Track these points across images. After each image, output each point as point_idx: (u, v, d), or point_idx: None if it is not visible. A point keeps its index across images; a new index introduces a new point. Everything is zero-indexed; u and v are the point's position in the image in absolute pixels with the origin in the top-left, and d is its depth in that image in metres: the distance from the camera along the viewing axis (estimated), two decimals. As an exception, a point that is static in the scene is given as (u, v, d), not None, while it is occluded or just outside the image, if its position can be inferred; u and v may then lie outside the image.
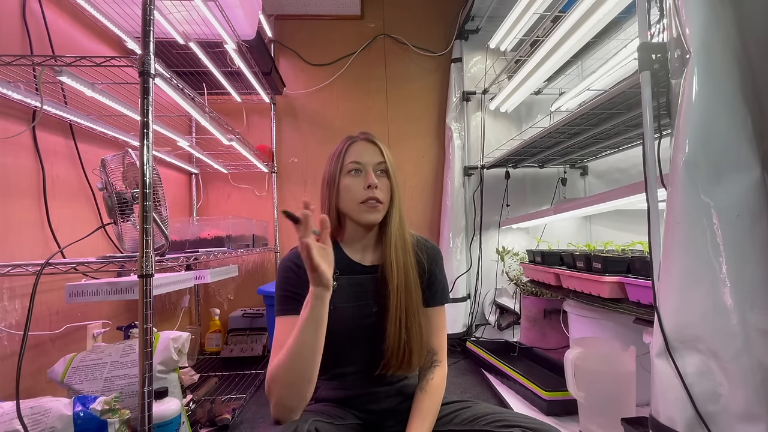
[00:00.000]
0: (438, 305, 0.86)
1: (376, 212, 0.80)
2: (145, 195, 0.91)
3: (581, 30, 1.49)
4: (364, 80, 2.63)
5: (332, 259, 0.70)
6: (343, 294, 0.80)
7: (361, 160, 0.80)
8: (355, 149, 0.82)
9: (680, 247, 0.80)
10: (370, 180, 0.79)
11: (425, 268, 0.85)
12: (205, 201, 2.51)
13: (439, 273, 0.88)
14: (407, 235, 0.84)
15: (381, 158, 0.82)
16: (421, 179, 2.63)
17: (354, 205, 0.79)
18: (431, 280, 0.86)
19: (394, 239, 0.81)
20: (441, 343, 0.85)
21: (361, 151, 0.81)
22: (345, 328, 0.79)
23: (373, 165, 0.81)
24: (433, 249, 0.89)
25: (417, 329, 0.79)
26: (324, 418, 0.73)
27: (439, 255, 0.89)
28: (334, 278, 0.78)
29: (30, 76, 1.17)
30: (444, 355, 0.85)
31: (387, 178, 0.82)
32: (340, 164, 0.81)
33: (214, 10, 1.44)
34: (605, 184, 2.33)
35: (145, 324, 0.89)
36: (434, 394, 0.79)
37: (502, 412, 0.75)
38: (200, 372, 1.82)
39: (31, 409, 0.91)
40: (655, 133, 0.91)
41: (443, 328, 0.86)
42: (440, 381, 0.82)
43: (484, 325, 2.29)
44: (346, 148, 0.82)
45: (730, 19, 0.80)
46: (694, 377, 0.77)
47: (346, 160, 0.81)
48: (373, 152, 0.82)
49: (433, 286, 0.86)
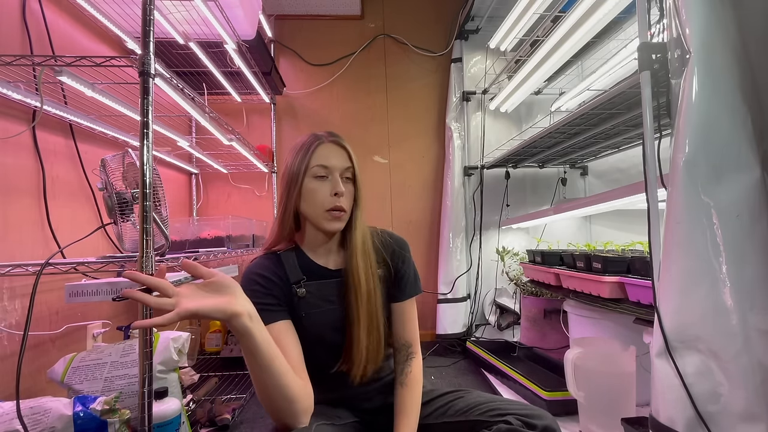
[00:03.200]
0: (407, 299, 0.85)
1: (339, 222, 0.78)
2: (145, 195, 0.91)
3: (581, 30, 1.49)
4: (364, 80, 2.63)
5: (219, 286, 0.62)
6: (313, 300, 0.79)
7: (329, 164, 0.77)
8: (322, 152, 0.78)
9: (680, 247, 0.80)
10: (337, 188, 0.76)
11: (390, 267, 0.84)
12: (205, 201, 2.51)
13: (407, 267, 0.86)
14: (368, 240, 0.82)
15: (349, 163, 0.79)
16: (421, 179, 2.63)
17: (319, 211, 0.77)
18: (398, 277, 0.85)
19: (356, 245, 0.79)
20: (414, 335, 0.86)
21: (329, 155, 0.78)
22: (318, 334, 0.78)
23: (341, 170, 0.78)
24: (399, 244, 0.87)
25: (375, 335, 0.78)
26: (325, 420, 0.73)
27: (405, 248, 0.87)
28: (302, 284, 0.78)
29: (30, 76, 1.17)
30: (418, 345, 0.86)
31: (353, 184, 0.80)
32: (305, 165, 0.77)
33: (214, 10, 1.44)
34: (605, 184, 2.33)
35: (145, 324, 0.89)
36: (414, 387, 0.80)
37: (494, 400, 0.76)
38: (200, 372, 1.82)
39: (31, 409, 0.91)
40: (655, 133, 0.91)
41: (414, 319, 0.86)
42: (418, 372, 0.82)
43: (484, 325, 2.29)
44: (313, 148, 0.78)
45: (730, 18, 0.80)
46: (694, 377, 0.77)
47: (312, 162, 0.77)
48: (341, 157, 0.79)
49: (401, 282, 0.85)
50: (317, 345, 0.78)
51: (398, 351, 0.84)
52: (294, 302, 0.78)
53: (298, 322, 0.77)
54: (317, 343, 0.78)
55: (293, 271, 0.79)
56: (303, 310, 0.78)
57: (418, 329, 0.87)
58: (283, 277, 0.78)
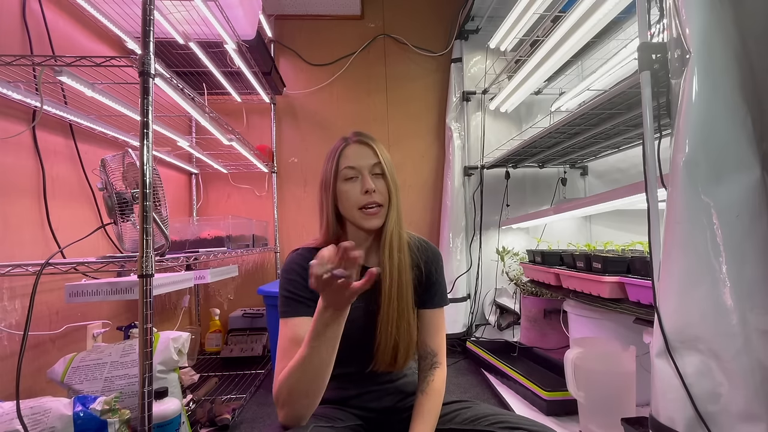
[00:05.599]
0: (437, 307, 0.86)
1: (377, 218, 0.79)
2: (145, 195, 0.91)
3: (581, 30, 1.49)
4: (364, 80, 2.63)
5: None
6: None
7: (356, 165, 0.79)
8: (349, 153, 0.80)
9: (680, 247, 0.80)
10: (366, 185, 0.78)
11: (423, 270, 0.85)
12: (205, 201, 2.51)
13: (439, 276, 0.88)
14: (404, 235, 0.83)
15: (376, 159, 0.80)
16: (421, 179, 2.63)
17: (354, 211, 0.79)
18: (430, 283, 0.86)
19: (389, 240, 0.80)
20: (440, 344, 0.85)
21: (356, 155, 0.80)
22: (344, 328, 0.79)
23: (369, 168, 0.79)
24: (433, 252, 0.89)
25: (406, 328, 0.79)
26: (324, 422, 0.73)
27: (439, 258, 0.89)
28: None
29: (30, 76, 1.17)
30: (443, 356, 0.85)
31: (383, 179, 0.81)
32: (334, 169, 0.80)
33: (214, 10, 1.44)
34: (605, 184, 2.33)
35: (145, 324, 0.89)
36: (435, 397, 0.79)
37: (503, 413, 0.75)
38: (200, 372, 1.82)
39: (31, 409, 0.91)
40: (655, 133, 0.91)
41: (442, 329, 0.86)
42: (440, 383, 0.82)
43: (484, 325, 2.29)
44: (340, 151, 0.80)
45: (730, 18, 0.80)
46: (694, 377, 0.77)
47: (340, 165, 0.79)
48: (367, 155, 0.80)
49: (432, 288, 0.86)
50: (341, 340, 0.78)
51: (423, 359, 0.84)
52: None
53: None
54: (342, 338, 0.78)
55: None
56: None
57: (445, 340, 0.87)
58: None
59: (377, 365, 0.79)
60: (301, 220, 2.58)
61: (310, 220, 2.57)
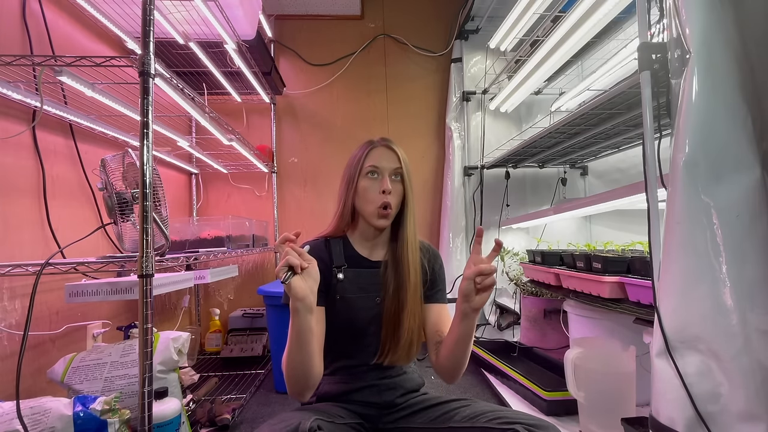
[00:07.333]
0: (443, 302, 0.93)
1: (387, 219, 0.86)
2: (145, 195, 0.91)
3: (581, 30, 1.49)
4: (364, 80, 2.63)
5: (317, 276, 0.72)
6: (349, 286, 0.86)
7: (379, 165, 0.86)
8: (374, 154, 0.87)
9: (680, 247, 0.80)
10: (385, 185, 0.84)
11: (426, 269, 0.92)
12: (205, 201, 2.51)
13: (442, 272, 0.95)
14: (417, 237, 0.91)
15: (398, 164, 0.87)
16: (421, 179, 2.63)
17: (369, 207, 0.86)
18: (434, 278, 0.92)
19: (408, 239, 0.87)
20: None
21: (380, 157, 0.87)
22: (348, 318, 0.84)
23: (390, 171, 0.86)
24: (434, 253, 0.96)
25: (414, 321, 0.84)
26: (325, 417, 0.74)
27: (439, 258, 0.97)
28: (341, 270, 0.87)
29: (30, 76, 1.17)
30: None
31: (401, 183, 0.88)
32: (360, 166, 0.87)
33: (214, 10, 1.44)
34: (605, 184, 2.33)
35: (145, 324, 0.89)
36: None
37: (501, 410, 0.76)
38: (200, 372, 1.82)
39: (31, 409, 0.91)
40: (655, 133, 0.91)
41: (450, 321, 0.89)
42: None
43: (484, 325, 2.29)
44: (367, 152, 0.88)
45: (730, 19, 0.80)
46: (694, 377, 0.77)
47: (365, 163, 0.87)
48: (391, 158, 0.87)
49: (436, 285, 0.93)
50: (345, 331, 0.85)
51: (438, 344, 0.88)
52: (332, 284, 0.86)
53: (332, 305, 0.85)
54: (345, 329, 0.85)
55: (338, 256, 0.89)
56: (339, 293, 0.85)
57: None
58: (328, 261, 0.87)
59: (391, 358, 0.83)
60: (301, 220, 2.58)
61: (311, 220, 2.57)
